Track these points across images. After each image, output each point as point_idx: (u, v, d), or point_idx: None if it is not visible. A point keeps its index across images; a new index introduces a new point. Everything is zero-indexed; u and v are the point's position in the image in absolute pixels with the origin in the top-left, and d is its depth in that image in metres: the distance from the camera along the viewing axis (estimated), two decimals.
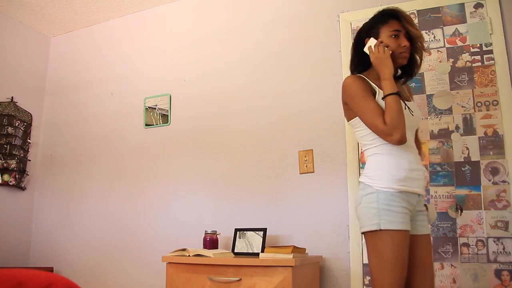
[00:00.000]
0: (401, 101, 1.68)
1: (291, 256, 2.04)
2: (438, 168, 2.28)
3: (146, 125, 3.19)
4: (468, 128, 2.26)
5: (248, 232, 2.49)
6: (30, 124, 3.56)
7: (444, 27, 2.40)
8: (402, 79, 1.88)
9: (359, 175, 2.42)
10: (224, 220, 2.75)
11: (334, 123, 2.55)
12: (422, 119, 2.35)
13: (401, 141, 1.64)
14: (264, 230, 2.44)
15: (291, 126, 2.68)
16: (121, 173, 3.21)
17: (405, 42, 1.72)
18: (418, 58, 1.80)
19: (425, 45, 2.38)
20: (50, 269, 3.23)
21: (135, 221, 3.06)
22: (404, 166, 1.66)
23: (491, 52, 2.28)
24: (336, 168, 2.50)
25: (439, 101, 2.34)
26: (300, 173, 2.59)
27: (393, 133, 1.62)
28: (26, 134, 3.51)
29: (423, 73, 2.40)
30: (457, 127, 2.29)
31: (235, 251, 2.46)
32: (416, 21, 2.46)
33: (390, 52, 1.72)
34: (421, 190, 1.69)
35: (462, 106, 2.29)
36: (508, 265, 2.06)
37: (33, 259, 3.42)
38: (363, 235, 1.70)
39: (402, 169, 1.65)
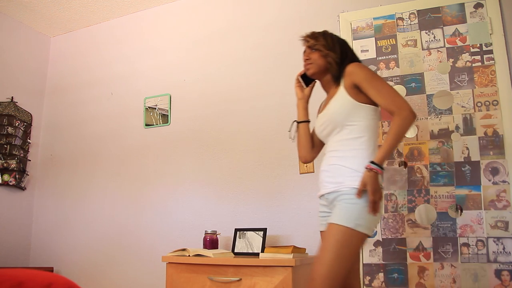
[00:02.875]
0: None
1: (291, 256, 2.04)
2: (438, 168, 2.28)
3: (146, 125, 3.19)
4: (468, 128, 2.26)
5: (248, 232, 2.49)
6: (30, 124, 3.56)
7: (444, 27, 2.40)
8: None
9: None
10: (224, 220, 2.75)
11: None
12: (422, 119, 2.35)
13: (302, 162, 2.04)
14: (264, 230, 2.44)
15: None
16: (121, 173, 3.21)
17: (303, 57, 1.90)
18: (328, 60, 1.83)
19: (426, 44, 2.40)
20: (50, 269, 3.23)
21: (135, 221, 3.06)
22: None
23: (491, 52, 2.28)
24: None
25: (439, 101, 2.34)
26: (300, 173, 2.59)
27: None
28: (26, 134, 3.51)
29: (423, 73, 2.40)
30: (457, 127, 2.29)
31: (235, 251, 2.46)
32: (416, 21, 2.46)
33: (297, 78, 2.04)
34: (321, 191, 1.77)
35: (462, 106, 2.29)
36: (508, 265, 2.06)
37: (33, 259, 3.42)
38: None
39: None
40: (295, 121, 2.04)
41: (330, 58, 1.82)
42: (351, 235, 1.56)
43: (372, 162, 1.60)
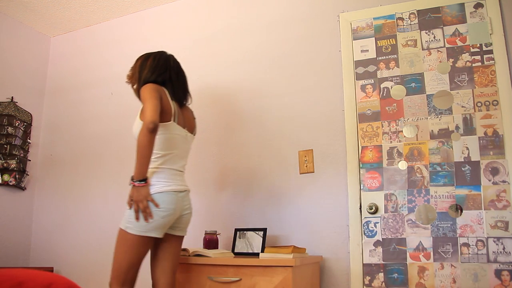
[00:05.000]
0: None
1: (291, 256, 2.04)
2: (438, 168, 2.28)
3: None
4: (468, 128, 2.26)
5: (248, 232, 2.49)
6: (30, 124, 3.56)
7: (444, 27, 2.40)
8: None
9: (359, 175, 2.42)
10: (224, 220, 2.75)
11: (334, 123, 2.56)
12: (422, 119, 2.35)
13: None
14: (264, 230, 2.44)
15: (291, 126, 2.68)
16: (121, 173, 3.21)
17: None
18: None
19: (426, 44, 2.40)
20: (50, 269, 3.23)
21: None
22: None
23: (491, 52, 2.28)
24: (336, 168, 2.50)
25: (439, 101, 2.34)
26: (300, 173, 2.59)
27: None
28: (26, 134, 3.51)
29: (423, 73, 2.40)
30: (457, 127, 2.29)
31: (235, 251, 2.46)
32: (416, 21, 2.46)
33: None
34: None
35: (462, 106, 2.29)
36: (508, 265, 2.06)
37: (33, 259, 3.42)
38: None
39: None
40: None
41: (134, 87, 2.17)
42: (123, 235, 1.89)
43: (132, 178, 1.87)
